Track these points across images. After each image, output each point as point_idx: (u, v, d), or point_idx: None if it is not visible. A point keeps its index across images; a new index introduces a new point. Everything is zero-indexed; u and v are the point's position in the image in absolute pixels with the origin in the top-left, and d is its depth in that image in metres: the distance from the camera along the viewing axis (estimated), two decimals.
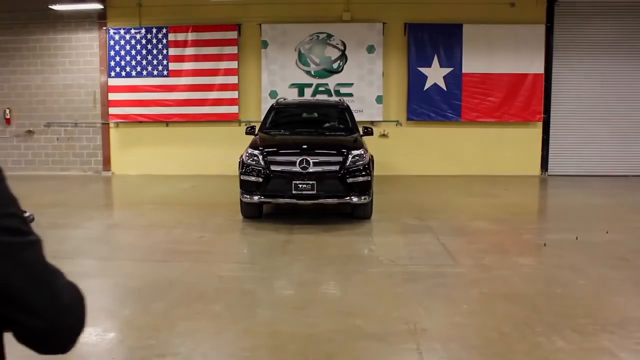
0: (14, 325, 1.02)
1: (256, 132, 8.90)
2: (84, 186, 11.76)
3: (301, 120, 9.60)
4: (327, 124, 9.46)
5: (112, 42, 13.01)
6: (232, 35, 12.85)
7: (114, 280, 5.29)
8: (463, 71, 12.76)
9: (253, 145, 8.10)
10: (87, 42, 13.20)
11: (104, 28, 13.04)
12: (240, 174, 7.81)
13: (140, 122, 13.07)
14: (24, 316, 1.00)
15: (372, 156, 8.10)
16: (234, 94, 12.98)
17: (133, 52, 13.02)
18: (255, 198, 7.69)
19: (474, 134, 12.96)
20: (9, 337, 1.06)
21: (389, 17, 12.77)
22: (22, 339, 1.04)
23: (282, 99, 10.73)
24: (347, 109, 9.51)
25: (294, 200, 7.64)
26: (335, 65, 12.92)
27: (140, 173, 13.09)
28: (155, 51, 12.96)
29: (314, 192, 7.53)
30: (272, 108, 9.57)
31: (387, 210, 8.76)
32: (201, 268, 5.69)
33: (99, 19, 13.07)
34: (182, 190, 10.94)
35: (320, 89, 12.92)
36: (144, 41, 12.95)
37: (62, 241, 6.77)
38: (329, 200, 7.66)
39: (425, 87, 12.84)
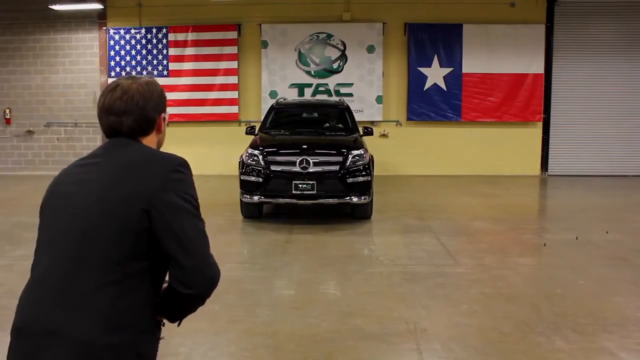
0: (172, 262, 1.56)
1: (256, 132, 8.90)
2: None
3: (301, 120, 9.59)
4: (327, 124, 9.46)
5: (112, 42, 13.01)
6: (232, 35, 12.85)
7: None
8: (463, 71, 12.76)
9: (253, 145, 8.10)
10: (87, 42, 13.20)
11: (104, 28, 13.04)
12: (240, 174, 7.81)
13: None
14: (182, 255, 1.55)
15: (372, 156, 8.10)
16: (234, 94, 12.98)
17: (133, 52, 13.02)
18: (255, 198, 7.69)
19: (474, 134, 12.96)
20: None
21: (389, 17, 12.77)
22: (173, 278, 1.58)
23: (282, 99, 10.73)
24: (347, 109, 9.51)
25: (294, 200, 7.64)
26: (335, 65, 12.92)
27: None
28: (155, 51, 12.96)
29: (314, 192, 7.53)
30: (272, 108, 9.57)
31: (387, 210, 8.76)
32: None
33: (99, 19, 13.06)
34: None
35: (320, 89, 12.91)
36: (144, 41, 12.95)
37: None
38: (329, 200, 7.66)
39: (425, 87, 12.84)
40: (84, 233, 1.54)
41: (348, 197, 7.63)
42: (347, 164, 7.66)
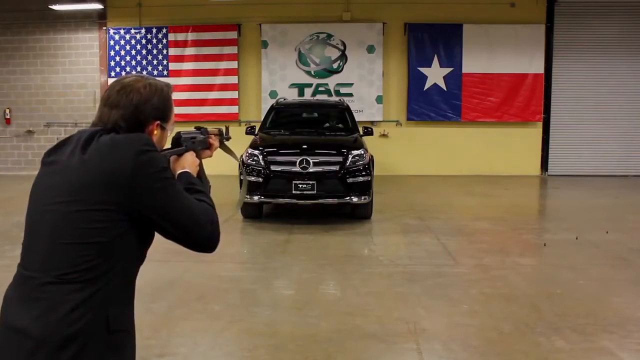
0: (170, 238, 1.63)
1: (256, 132, 8.90)
2: None
3: (301, 120, 9.59)
4: (327, 124, 9.45)
5: (112, 42, 13.01)
6: (232, 35, 12.85)
7: None
8: (463, 71, 12.76)
9: (253, 145, 8.10)
10: (87, 42, 13.20)
11: (104, 28, 13.04)
12: (240, 174, 7.81)
13: None
14: (176, 233, 1.61)
15: (372, 156, 8.10)
16: (234, 94, 12.98)
17: (133, 52, 13.02)
18: (256, 198, 7.69)
19: (474, 134, 12.96)
20: None
21: (389, 17, 12.77)
22: (178, 242, 1.65)
23: (282, 99, 10.72)
24: (347, 109, 9.51)
25: (294, 200, 7.63)
26: (335, 65, 12.92)
27: None
28: (155, 51, 12.96)
29: (314, 192, 7.53)
30: (272, 108, 9.57)
31: (387, 210, 8.76)
32: (201, 268, 5.69)
33: (99, 19, 13.06)
34: None
35: (320, 89, 12.91)
36: (144, 41, 12.96)
37: None
38: (329, 200, 7.65)
39: (425, 87, 12.84)
40: (52, 229, 1.52)
41: (348, 197, 7.63)
42: (347, 164, 7.66)
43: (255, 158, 7.73)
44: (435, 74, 12.80)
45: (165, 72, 12.90)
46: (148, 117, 1.69)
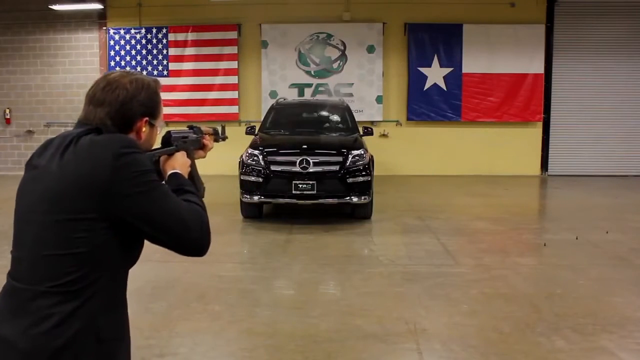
0: (155, 242, 1.54)
1: (256, 132, 8.90)
2: None
3: (301, 120, 9.57)
4: (327, 124, 9.45)
5: (112, 42, 13.02)
6: (232, 35, 12.85)
7: None
8: (463, 71, 12.76)
9: (253, 145, 8.10)
10: (87, 42, 13.20)
11: (104, 28, 13.04)
12: (240, 174, 7.82)
13: None
14: (162, 236, 1.52)
15: (372, 156, 8.10)
16: (234, 94, 12.98)
17: (133, 52, 13.02)
18: (255, 198, 7.69)
19: (474, 134, 12.96)
20: None
21: (389, 17, 12.77)
22: (165, 247, 1.55)
23: (282, 99, 10.72)
24: (347, 109, 9.51)
25: (294, 200, 7.64)
26: (335, 65, 12.92)
27: None
28: (155, 51, 12.96)
29: (314, 192, 7.53)
30: (272, 108, 9.57)
31: (387, 210, 8.76)
32: (201, 268, 5.69)
33: (99, 19, 13.07)
34: None
35: (320, 89, 12.92)
36: (144, 41, 12.96)
37: None
38: (329, 200, 7.65)
39: (425, 87, 12.84)
40: (35, 240, 1.48)
41: (348, 197, 7.63)
42: (347, 164, 7.66)
43: (255, 158, 7.73)
44: (435, 74, 12.80)
45: (165, 72, 12.90)
46: (135, 114, 1.61)
